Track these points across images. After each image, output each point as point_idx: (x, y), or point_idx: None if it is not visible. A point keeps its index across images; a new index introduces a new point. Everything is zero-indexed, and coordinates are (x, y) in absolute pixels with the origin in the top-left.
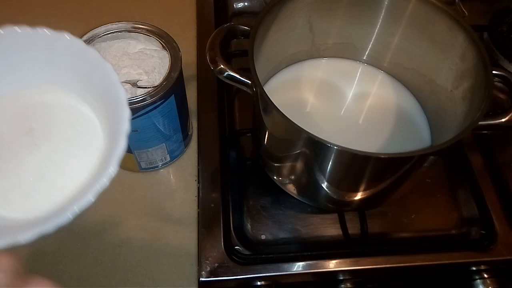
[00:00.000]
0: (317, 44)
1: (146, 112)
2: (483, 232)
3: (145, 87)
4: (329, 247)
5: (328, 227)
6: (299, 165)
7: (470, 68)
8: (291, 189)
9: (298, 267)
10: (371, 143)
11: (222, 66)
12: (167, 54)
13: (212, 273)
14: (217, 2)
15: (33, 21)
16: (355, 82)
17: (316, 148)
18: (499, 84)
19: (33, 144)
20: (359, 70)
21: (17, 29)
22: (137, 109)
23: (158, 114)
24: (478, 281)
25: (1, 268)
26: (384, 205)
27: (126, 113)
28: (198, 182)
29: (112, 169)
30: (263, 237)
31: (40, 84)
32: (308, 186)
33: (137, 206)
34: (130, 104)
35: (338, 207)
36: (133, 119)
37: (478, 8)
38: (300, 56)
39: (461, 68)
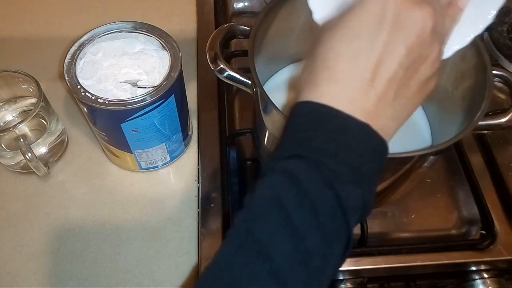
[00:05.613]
0: None
1: (146, 112)
2: (483, 232)
3: (145, 87)
4: None
5: None
6: None
7: (470, 68)
8: None
9: None
10: None
11: (222, 66)
12: (167, 54)
13: None
14: (217, 2)
15: (33, 21)
16: None
17: None
18: (499, 84)
19: None
20: None
21: None
22: (137, 109)
23: (158, 114)
24: (478, 281)
25: None
26: (384, 205)
27: None
28: (198, 182)
29: None
30: None
31: None
32: None
33: (137, 206)
34: (130, 104)
35: None
36: (133, 119)
37: None
38: (300, 56)
39: (461, 68)
